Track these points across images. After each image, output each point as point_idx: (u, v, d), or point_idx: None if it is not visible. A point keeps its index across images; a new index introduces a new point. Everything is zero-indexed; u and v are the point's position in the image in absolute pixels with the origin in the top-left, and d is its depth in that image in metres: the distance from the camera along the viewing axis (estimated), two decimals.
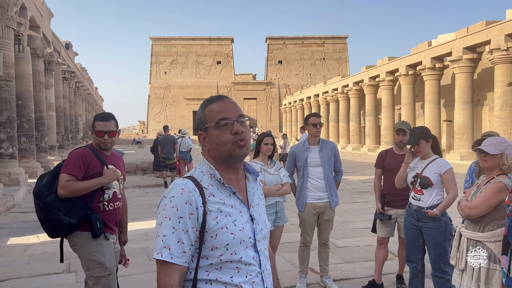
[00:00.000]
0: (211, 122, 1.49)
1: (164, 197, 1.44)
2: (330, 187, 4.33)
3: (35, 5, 15.04)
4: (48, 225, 2.95)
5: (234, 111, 1.51)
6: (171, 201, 1.40)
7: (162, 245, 1.37)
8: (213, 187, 1.47)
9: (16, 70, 12.33)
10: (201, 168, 1.53)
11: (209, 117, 1.51)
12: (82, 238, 2.99)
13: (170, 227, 1.38)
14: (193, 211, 1.40)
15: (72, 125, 27.46)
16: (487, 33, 18.06)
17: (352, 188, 11.78)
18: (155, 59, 63.69)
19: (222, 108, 1.51)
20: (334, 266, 4.96)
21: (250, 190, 1.58)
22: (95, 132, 3.10)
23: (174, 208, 1.40)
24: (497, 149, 2.87)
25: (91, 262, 2.99)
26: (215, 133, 1.49)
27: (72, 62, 27.26)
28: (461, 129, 20.11)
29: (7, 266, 5.13)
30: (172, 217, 1.39)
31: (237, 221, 1.45)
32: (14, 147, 11.74)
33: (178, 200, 1.40)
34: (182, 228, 1.38)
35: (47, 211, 2.90)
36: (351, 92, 32.36)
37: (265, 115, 62.52)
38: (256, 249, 1.50)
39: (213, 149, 1.51)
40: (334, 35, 65.08)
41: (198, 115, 1.56)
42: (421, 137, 3.63)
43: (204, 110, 1.53)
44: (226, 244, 1.42)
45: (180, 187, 1.42)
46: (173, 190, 1.43)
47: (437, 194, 3.61)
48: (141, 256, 5.58)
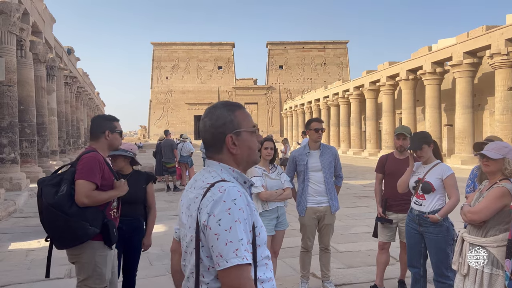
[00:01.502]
0: (247, 127, 1.52)
1: (224, 201, 1.38)
2: (330, 191, 4.34)
3: (38, 10, 15.12)
4: (70, 236, 2.78)
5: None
6: (236, 204, 1.38)
7: (243, 248, 1.34)
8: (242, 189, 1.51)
9: (18, 76, 12.37)
10: (221, 173, 1.50)
11: (242, 121, 1.52)
12: (92, 247, 2.87)
13: (242, 230, 1.36)
14: (251, 212, 1.42)
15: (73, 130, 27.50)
16: (488, 37, 18.10)
17: (353, 192, 11.77)
18: (157, 64, 63.87)
19: (249, 116, 1.56)
20: (335, 271, 4.95)
21: None
22: (117, 132, 3.07)
23: (240, 210, 1.38)
24: (499, 154, 2.87)
25: (93, 273, 2.88)
26: (250, 139, 1.52)
27: (74, 67, 27.35)
28: (462, 133, 20.10)
29: (8, 271, 5.13)
30: (241, 219, 1.37)
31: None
32: (16, 152, 11.77)
33: (240, 202, 1.39)
34: (249, 230, 1.40)
35: (72, 222, 2.74)
36: (351, 96, 32.39)
37: (266, 119, 62.57)
38: None
39: (244, 153, 1.53)
40: (335, 40, 65.25)
41: (223, 118, 1.50)
42: (423, 142, 3.64)
43: (234, 113, 1.52)
44: (264, 241, 1.48)
45: (236, 190, 1.41)
46: (231, 193, 1.40)
47: (439, 199, 3.61)
48: (142, 261, 5.56)
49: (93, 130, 3.08)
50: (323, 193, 4.31)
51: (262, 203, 4.07)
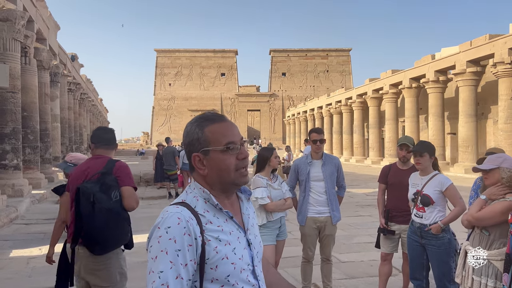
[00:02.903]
0: (217, 146, 1.38)
1: (158, 228, 1.29)
2: (331, 202, 4.31)
3: (42, 18, 15.24)
4: (116, 240, 2.89)
5: (238, 134, 1.42)
6: (168, 233, 1.26)
7: (159, 282, 1.22)
8: (209, 213, 1.37)
9: (22, 82, 12.44)
10: (193, 192, 1.41)
11: (212, 139, 1.38)
12: (116, 252, 2.96)
13: (168, 262, 1.24)
14: (191, 242, 1.27)
15: (76, 136, 27.59)
16: (491, 46, 18.10)
17: (356, 201, 11.72)
18: (160, 70, 64.19)
19: (227, 130, 1.40)
20: (337, 282, 4.91)
21: (245, 212, 1.50)
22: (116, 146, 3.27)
23: (171, 240, 1.25)
24: (492, 165, 2.91)
25: (119, 276, 2.95)
26: (220, 158, 1.38)
27: (77, 73, 27.50)
28: (465, 142, 20.04)
29: (9, 279, 5.11)
30: (170, 250, 1.25)
31: (236, 249, 1.36)
32: (19, 158, 11.79)
33: (175, 231, 1.26)
34: (181, 262, 1.25)
35: (125, 226, 2.91)
36: (354, 104, 32.39)
37: (269, 126, 62.62)
38: (255, 275, 1.42)
39: (214, 174, 1.39)
40: (338, 48, 65.48)
41: (192, 135, 1.41)
42: (427, 151, 3.64)
43: (204, 130, 1.39)
44: (227, 275, 1.32)
45: (176, 216, 1.29)
46: (168, 220, 1.29)
47: (439, 211, 3.59)
48: (143, 269, 5.54)
49: (112, 141, 3.23)
50: (324, 203, 4.29)
51: (267, 214, 4.05)
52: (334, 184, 4.38)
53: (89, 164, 3.07)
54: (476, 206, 2.96)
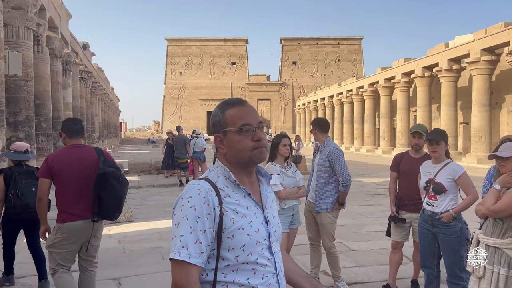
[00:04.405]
0: (233, 127, 1.50)
1: (181, 198, 1.44)
2: (318, 190, 4.36)
3: (54, 6, 15.30)
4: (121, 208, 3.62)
5: (255, 117, 1.52)
6: (189, 202, 1.40)
7: (180, 245, 1.37)
8: (228, 188, 1.48)
9: (34, 70, 12.56)
10: (215, 170, 1.54)
11: (230, 121, 1.50)
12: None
13: (188, 227, 1.38)
14: (210, 211, 1.40)
15: (88, 125, 27.82)
16: (506, 34, 17.73)
17: (367, 190, 11.69)
18: (170, 59, 64.24)
19: (244, 113, 1.51)
20: (347, 270, 4.93)
21: (264, 192, 1.60)
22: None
23: (192, 208, 1.39)
24: (511, 152, 2.83)
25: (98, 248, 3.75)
26: (236, 138, 1.49)
27: (89, 62, 27.65)
28: (478, 132, 19.77)
29: (24, 263, 5.21)
30: (190, 217, 1.39)
31: (252, 222, 1.46)
32: (32, 146, 11.94)
33: (195, 200, 1.40)
34: (200, 228, 1.38)
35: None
36: (365, 93, 32.12)
37: (279, 116, 62.49)
38: (271, 251, 1.50)
39: (232, 153, 1.51)
40: (349, 36, 64.75)
41: (215, 117, 1.55)
42: (444, 138, 3.60)
43: (224, 113, 1.52)
44: (243, 245, 1.42)
45: (197, 188, 1.43)
46: (190, 191, 1.43)
47: (451, 199, 3.56)
48: (155, 255, 5.63)
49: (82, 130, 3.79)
50: (315, 190, 4.41)
51: (279, 201, 4.07)
52: (325, 173, 4.31)
53: (76, 153, 3.56)
54: (491, 198, 2.87)
